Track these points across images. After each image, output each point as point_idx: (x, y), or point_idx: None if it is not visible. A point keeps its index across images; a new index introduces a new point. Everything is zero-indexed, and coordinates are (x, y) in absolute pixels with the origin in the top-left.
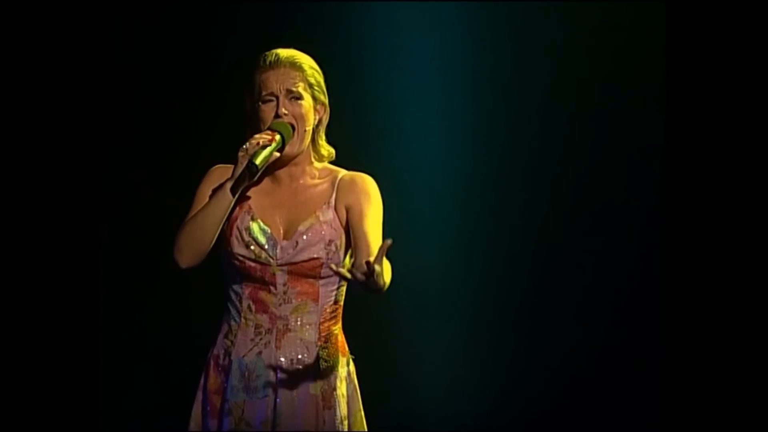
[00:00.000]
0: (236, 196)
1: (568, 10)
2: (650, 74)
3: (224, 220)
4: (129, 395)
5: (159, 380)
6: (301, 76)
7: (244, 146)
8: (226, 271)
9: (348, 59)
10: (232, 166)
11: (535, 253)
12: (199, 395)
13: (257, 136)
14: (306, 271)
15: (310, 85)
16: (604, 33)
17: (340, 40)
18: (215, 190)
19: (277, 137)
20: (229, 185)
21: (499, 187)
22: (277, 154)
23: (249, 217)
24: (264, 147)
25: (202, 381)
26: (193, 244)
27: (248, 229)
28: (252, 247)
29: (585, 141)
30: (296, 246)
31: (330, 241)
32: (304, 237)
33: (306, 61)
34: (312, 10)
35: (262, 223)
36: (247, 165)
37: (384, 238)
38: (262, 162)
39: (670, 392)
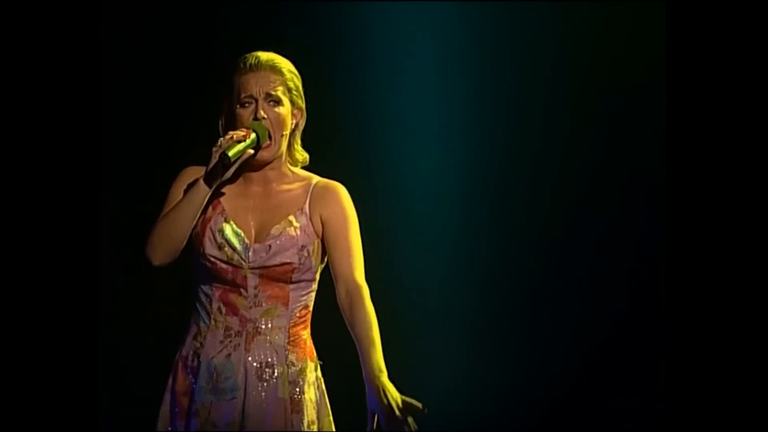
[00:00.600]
0: (210, 191)
1: (568, 10)
2: (650, 74)
3: (197, 216)
4: (129, 396)
5: (158, 382)
6: (281, 80)
7: (218, 141)
8: (196, 272)
9: (348, 59)
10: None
11: (536, 253)
12: (167, 396)
13: (231, 132)
14: (277, 275)
15: (289, 90)
16: (604, 33)
17: (340, 40)
18: (189, 186)
19: (252, 135)
20: (202, 181)
21: (500, 186)
22: (251, 152)
23: (222, 219)
24: (238, 142)
25: (170, 382)
26: (166, 241)
27: (221, 231)
28: (224, 249)
29: (585, 140)
30: (269, 250)
31: (302, 246)
32: (277, 241)
33: (285, 65)
34: (312, 9)
35: (234, 225)
36: (220, 157)
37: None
38: (235, 155)
39: (672, 392)
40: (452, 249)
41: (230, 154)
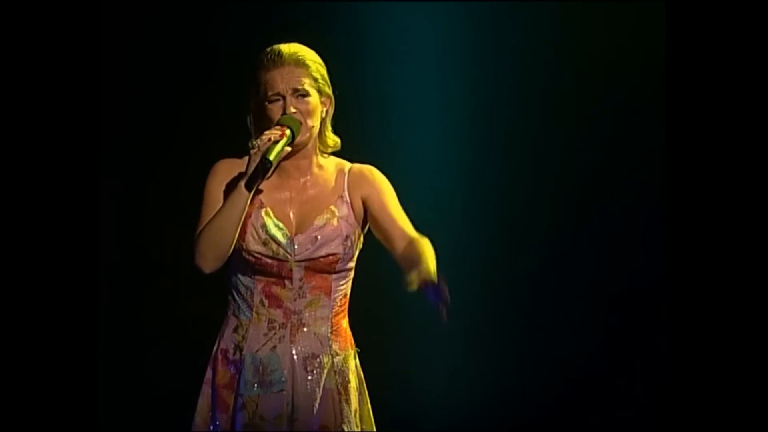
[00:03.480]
0: (251, 193)
1: (568, 10)
2: (650, 73)
3: (242, 219)
4: (129, 396)
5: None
6: (306, 73)
7: (255, 142)
8: (235, 265)
9: (350, 54)
10: (237, 160)
11: (537, 249)
12: (207, 389)
13: (267, 132)
14: (322, 267)
15: (315, 80)
16: (604, 32)
17: (342, 35)
18: (229, 190)
19: (288, 132)
20: (242, 183)
21: (501, 182)
22: (289, 149)
23: (263, 213)
24: (276, 142)
25: (209, 375)
26: (214, 248)
27: (264, 227)
28: (269, 244)
29: (586, 136)
30: (315, 242)
31: (347, 236)
32: (323, 233)
33: (309, 56)
34: (313, 6)
35: (275, 219)
36: (261, 161)
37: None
38: (275, 157)
39: (672, 390)
40: (453, 244)
41: (271, 157)
